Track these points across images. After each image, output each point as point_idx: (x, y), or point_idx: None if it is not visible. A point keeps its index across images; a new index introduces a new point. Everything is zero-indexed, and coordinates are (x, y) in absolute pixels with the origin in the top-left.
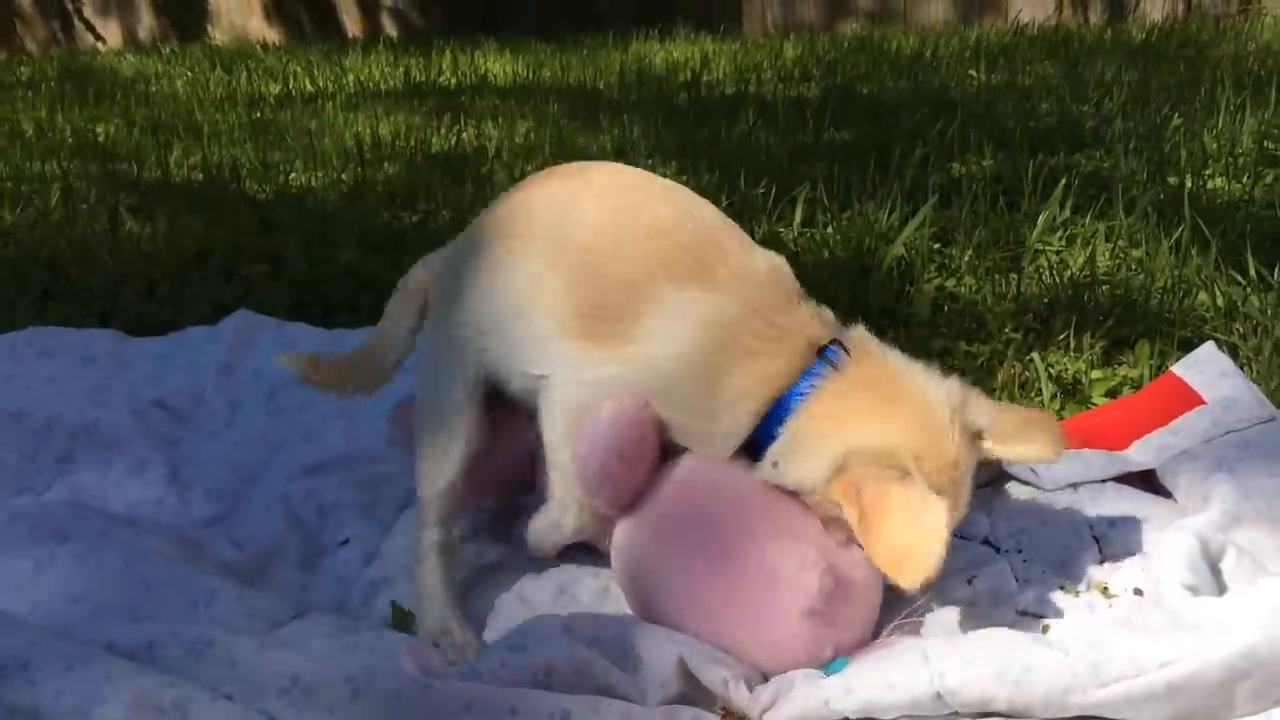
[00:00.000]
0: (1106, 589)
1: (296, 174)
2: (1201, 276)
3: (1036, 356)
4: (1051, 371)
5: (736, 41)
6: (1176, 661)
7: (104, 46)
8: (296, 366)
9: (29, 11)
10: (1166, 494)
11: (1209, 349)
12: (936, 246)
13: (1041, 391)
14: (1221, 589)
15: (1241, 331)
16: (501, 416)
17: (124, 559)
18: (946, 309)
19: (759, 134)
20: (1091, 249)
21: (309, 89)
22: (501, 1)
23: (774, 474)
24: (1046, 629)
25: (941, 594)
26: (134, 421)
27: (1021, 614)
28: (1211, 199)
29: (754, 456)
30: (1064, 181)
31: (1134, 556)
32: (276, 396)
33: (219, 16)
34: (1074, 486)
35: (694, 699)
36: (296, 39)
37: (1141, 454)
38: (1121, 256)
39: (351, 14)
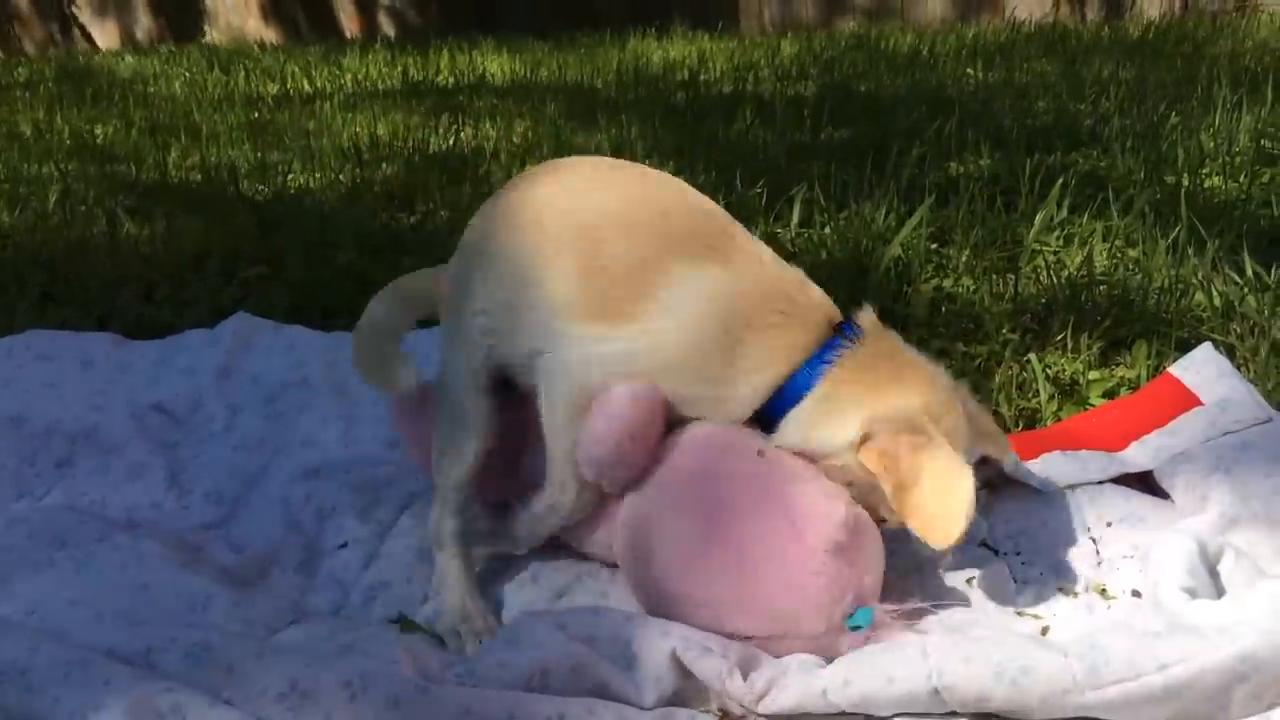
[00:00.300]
0: (1105, 591)
1: (294, 175)
2: (1198, 276)
3: (1034, 357)
4: (1049, 372)
5: (733, 40)
6: (1174, 664)
7: (100, 48)
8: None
9: (26, 12)
10: (1164, 495)
11: (1206, 350)
12: (934, 247)
13: (1039, 392)
14: (1219, 591)
15: (1239, 332)
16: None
17: (122, 564)
18: (944, 309)
19: (756, 133)
20: (1089, 249)
21: (307, 89)
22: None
23: (791, 439)
24: (1045, 630)
25: (940, 595)
26: (132, 425)
27: (1020, 615)
28: (1208, 198)
29: (766, 426)
30: (1061, 181)
31: (1132, 558)
32: (275, 400)
33: (216, 17)
34: (1072, 488)
35: (689, 692)
36: (294, 39)
37: (1139, 455)
38: (1119, 256)
39: (348, 13)
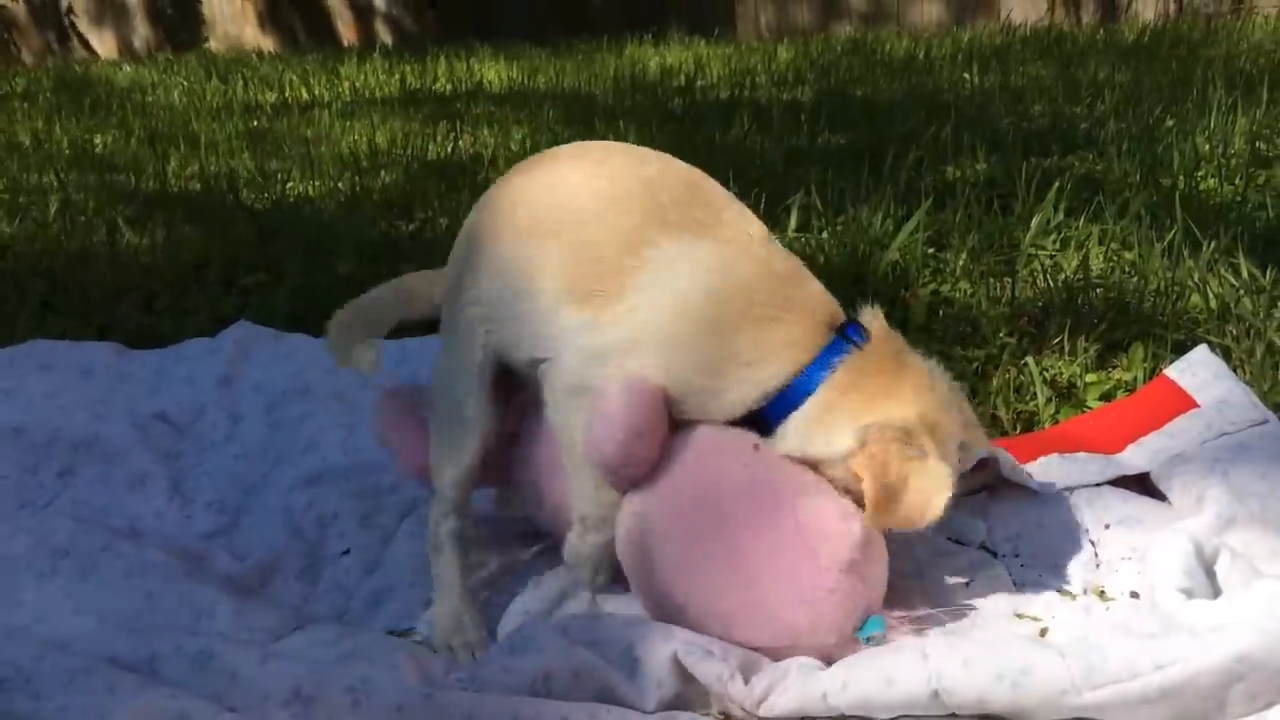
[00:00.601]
0: (1103, 592)
1: (293, 183)
2: (1194, 279)
3: (1031, 360)
4: (1046, 375)
5: (730, 45)
6: (1171, 664)
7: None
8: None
9: (24, 22)
10: (1161, 497)
11: (1202, 351)
12: (931, 251)
13: (1037, 395)
14: (1216, 592)
15: (1234, 333)
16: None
17: (126, 572)
18: (941, 313)
19: (753, 138)
20: (1085, 252)
21: (305, 97)
22: (493, 6)
23: (790, 445)
24: (1044, 632)
25: (940, 597)
26: (134, 435)
27: (1019, 617)
28: (1204, 200)
29: (763, 429)
30: (1057, 184)
31: (1129, 560)
32: (276, 409)
33: (214, 25)
34: (1070, 490)
35: (691, 695)
36: (291, 47)
37: (1136, 457)
38: (1115, 259)
39: (346, 21)
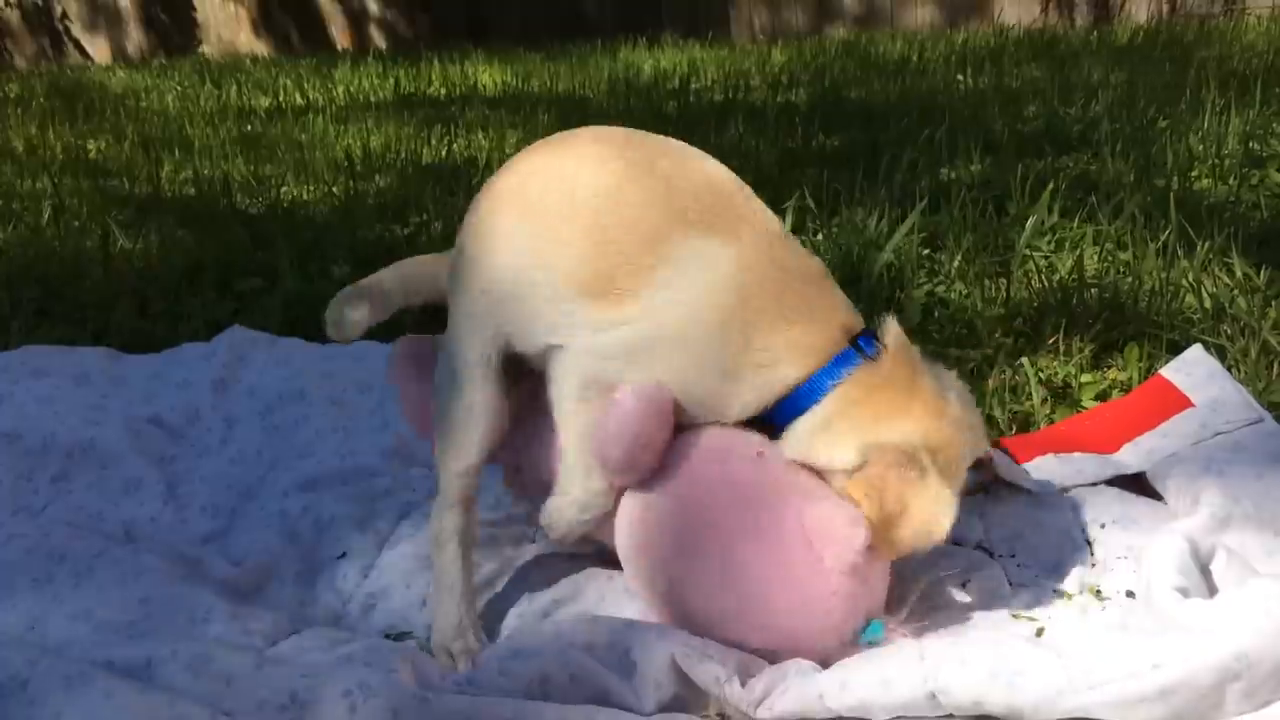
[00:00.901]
0: (1099, 592)
1: (288, 188)
2: (1189, 279)
3: (1026, 361)
4: (1041, 376)
5: (724, 48)
6: (1168, 663)
7: (92, 63)
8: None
9: (17, 28)
10: (1157, 496)
11: (1197, 351)
12: (926, 252)
13: (1032, 396)
14: (1212, 591)
15: (1229, 333)
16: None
17: (121, 577)
18: (936, 315)
19: (748, 141)
20: (1079, 253)
21: (299, 102)
22: (487, 10)
23: (793, 451)
24: (1040, 632)
25: (936, 598)
26: (129, 439)
27: (1015, 617)
28: (1198, 201)
29: (769, 430)
30: (1051, 185)
31: (1125, 559)
32: (272, 413)
33: (207, 30)
34: (1066, 491)
35: (688, 698)
36: (285, 52)
37: (1132, 457)
38: (1109, 260)
39: (339, 26)
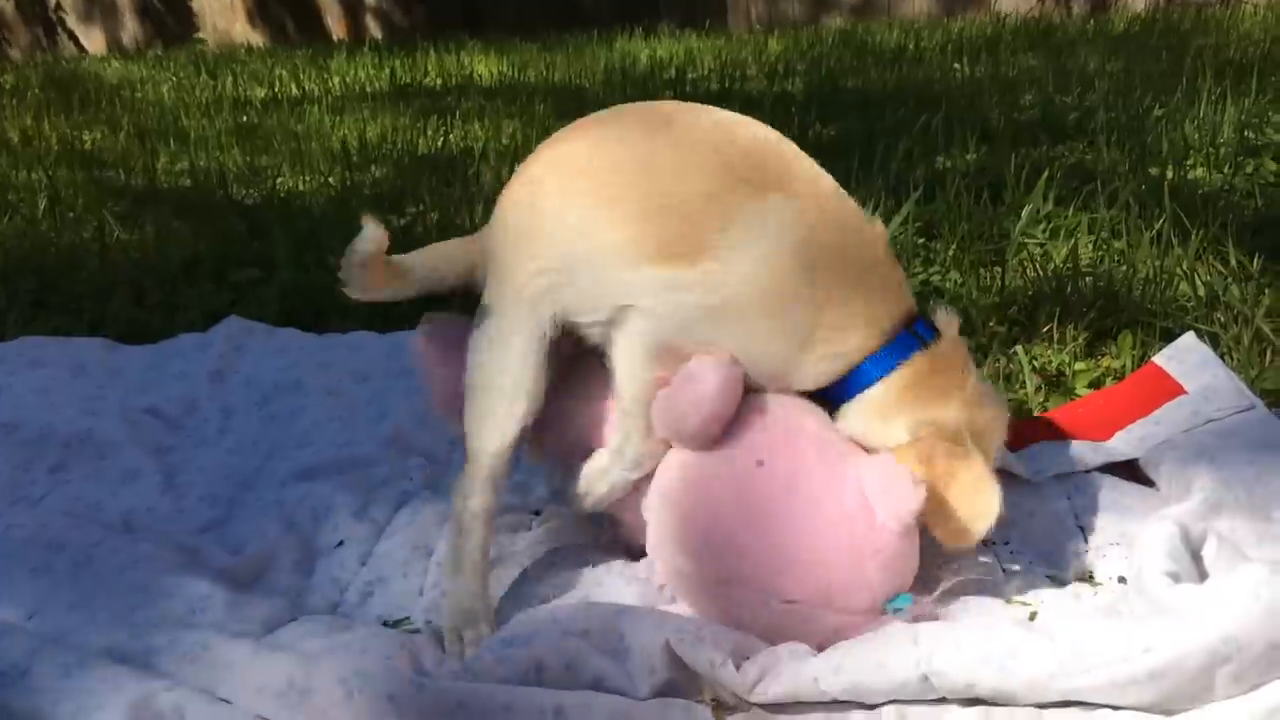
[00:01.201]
0: (1091, 578)
1: (284, 178)
2: (1183, 267)
3: (1020, 349)
4: (1035, 364)
5: (721, 38)
6: (1158, 647)
7: (87, 53)
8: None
9: (11, 18)
10: (1149, 483)
11: (1189, 339)
12: (921, 241)
13: (1026, 384)
14: (1202, 576)
15: (1222, 321)
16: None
17: (120, 566)
18: (931, 303)
19: None
20: (1074, 241)
21: (294, 92)
22: (482, 0)
23: (852, 427)
24: (1033, 616)
25: (929, 584)
26: (126, 430)
27: (1008, 603)
28: (1193, 189)
29: (826, 407)
30: (1047, 174)
31: (1117, 545)
32: (269, 403)
33: (202, 20)
34: (1059, 478)
35: (683, 682)
36: (280, 42)
37: (1125, 444)
38: (1104, 248)
39: (335, 16)
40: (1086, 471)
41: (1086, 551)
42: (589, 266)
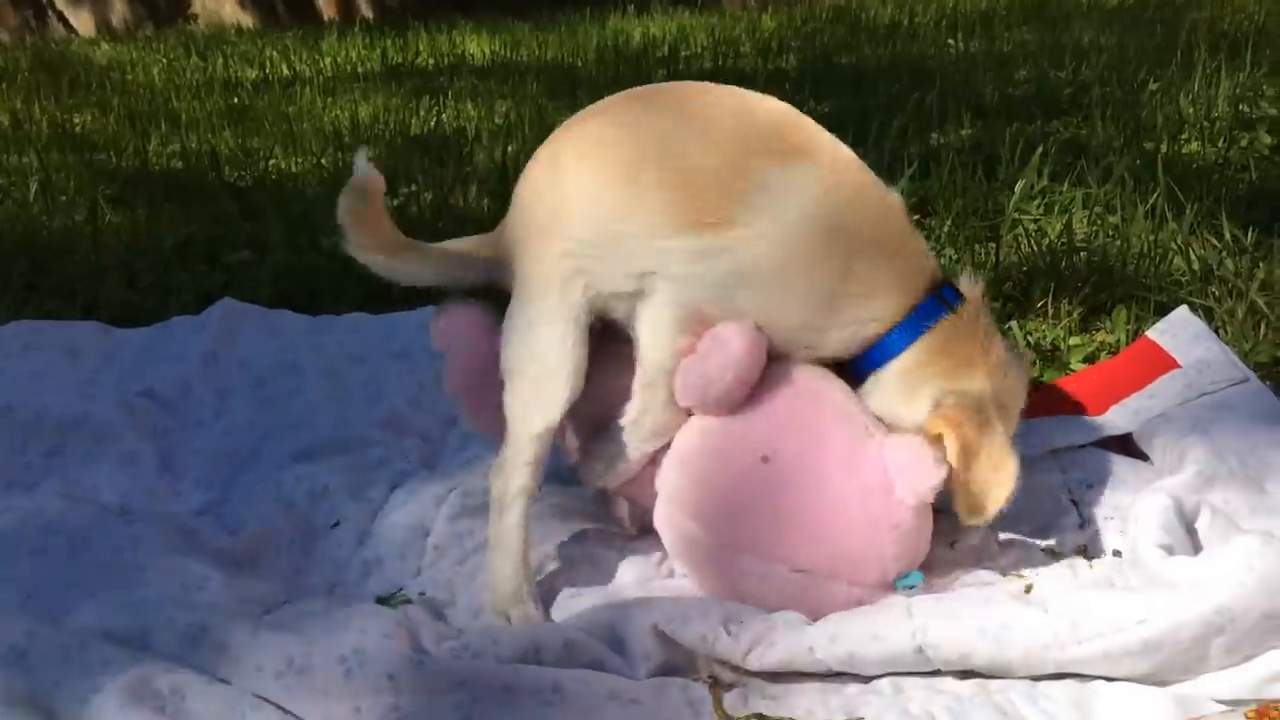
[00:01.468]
0: (1086, 550)
1: (276, 160)
2: (1177, 241)
3: (1015, 324)
4: (1030, 339)
5: (714, 15)
6: (1153, 618)
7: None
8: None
9: None
10: (1144, 457)
11: (1183, 313)
12: (916, 217)
13: None
14: (1196, 548)
15: (1216, 294)
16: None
17: (117, 547)
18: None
19: None
20: (1069, 216)
21: (286, 73)
22: None
23: (877, 399)
24: (1029, 589)
25: (929, 558)
26: (122, 413)
27: (1003, 574)
28: (1187, 163)
29: (849, 379)
30: (1041, 149)
31: (1112, 519)
32: (264, 385)
33: (193, 1)
34: (1054, 452)
35: (679, 661)
36: (271, 23)
37: (1119, 418)
38: (1098, 223)
39: None
40: (1081, 446)
41: (1081, 525)
42: (618, 240)
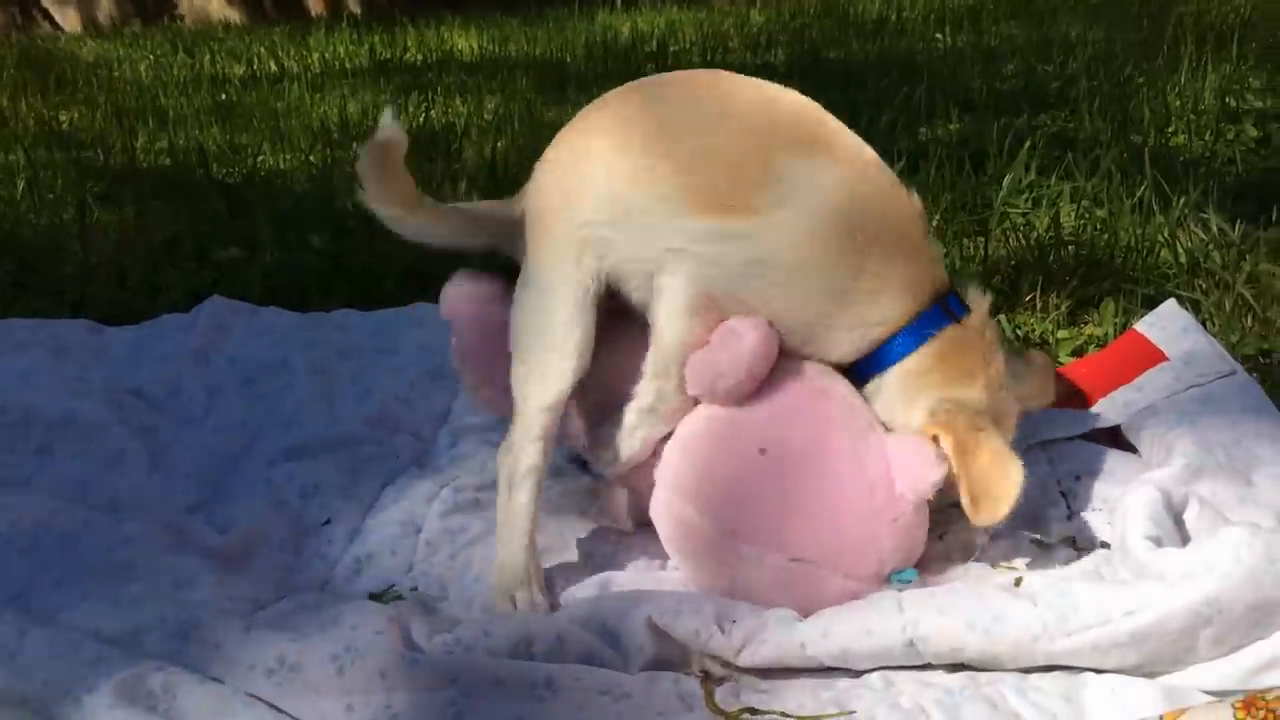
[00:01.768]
0: (1074, 542)
1: (264, 156)
2: (1164, 234)
3: (1004, 318)
4: (1019, 332)
5: (702, 9)
6: (1141, 610)
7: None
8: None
9: None
10: (1132, 449)
11: (1170, 306)
12: None
13: None
14: (1184, 539)
15: (1204, 287)
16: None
17: (108, 545)
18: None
19: None
20: (1056, 210)
21: (274, 70)
22: None
23: (878, 403)
24: (1019, 582)
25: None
26: (111, 411)
27: (994, 567)
28: (1174, 156)
29: (854, 377)
30: (1029, 143)
31: (1100, 511)
32: (254, 382)
33: None
34: (1043, 445)
35: (671, 655)
36: (258, 19)
37: (1108, 411)
38: (1086, 216)
39: None
40: (1070, 438)
41: (1070, 517)
42: (639, 217)
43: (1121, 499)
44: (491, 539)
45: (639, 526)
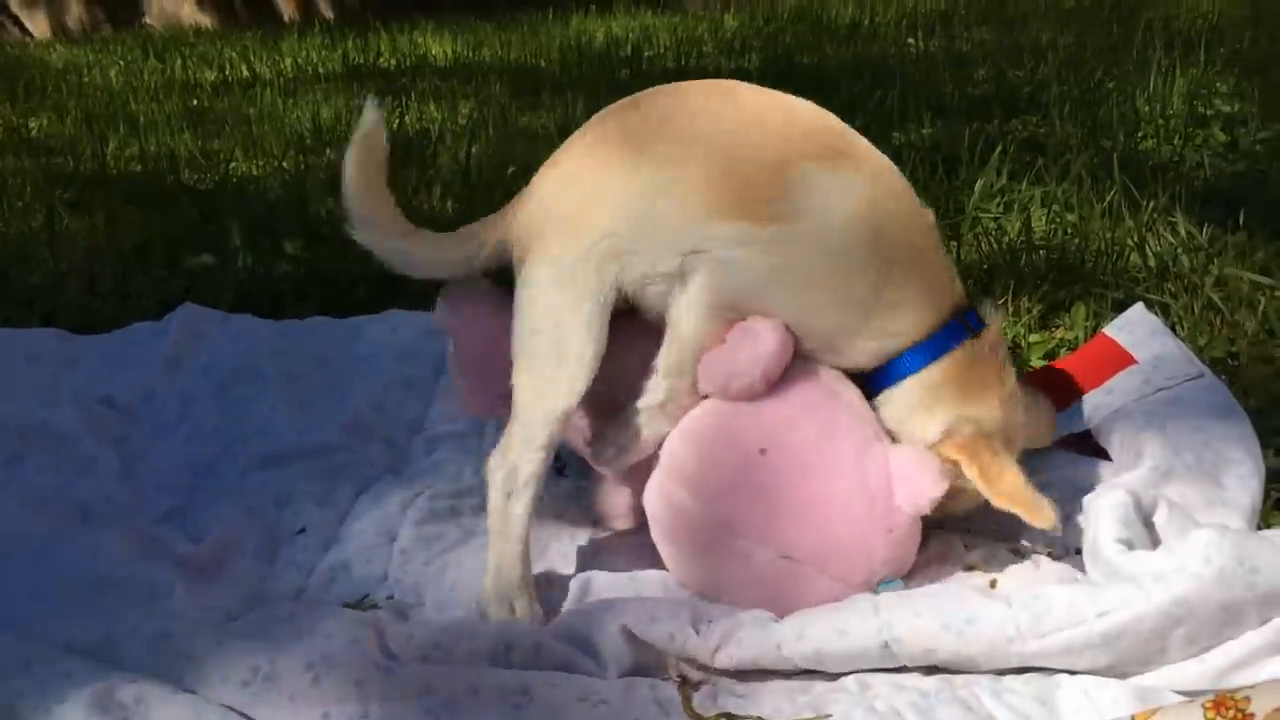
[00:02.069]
0: (1048, 547)
1: (236, 163)
2: (1134, 238)
3: None
4: None
5: (677, 15)
6: (1114, 611)
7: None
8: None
9: None
10: (1103, 452)
11: (1139, 310)
12: None
13: None
14: (1155, 542)
15: (1173, 290)
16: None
17: (79, 556)
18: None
19: None
20: (1027, 214)
21: (245, 75)
22: None
23: (890, 414)
24: (993, 583)
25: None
26: (83, 420)
27: (969, 569)
28: (1143, 161)
29: (866, 392)
30: (1000, 148)
31: (1072, 515)
32: (227, 390)
33: (149, 3)
34: None
35: (649, 662)
36: (229, 24)
37: (1078, 415)
38: (1057, 221)
39: None
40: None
41: None
42: (662, 221)
43: (1093, 503)
44: (468, 546)
45: (633, 529)
